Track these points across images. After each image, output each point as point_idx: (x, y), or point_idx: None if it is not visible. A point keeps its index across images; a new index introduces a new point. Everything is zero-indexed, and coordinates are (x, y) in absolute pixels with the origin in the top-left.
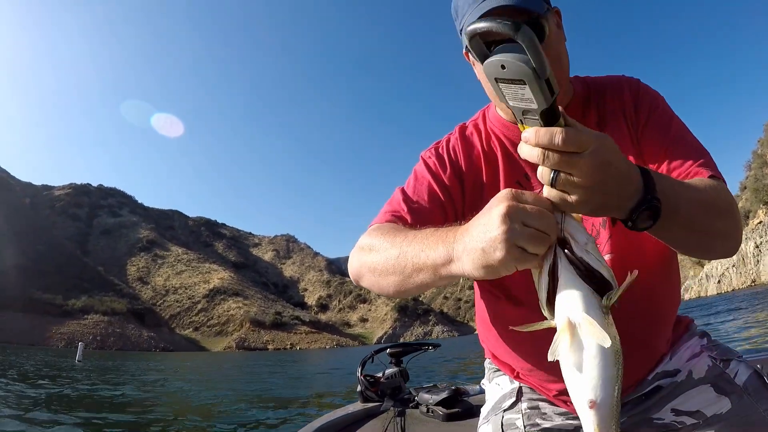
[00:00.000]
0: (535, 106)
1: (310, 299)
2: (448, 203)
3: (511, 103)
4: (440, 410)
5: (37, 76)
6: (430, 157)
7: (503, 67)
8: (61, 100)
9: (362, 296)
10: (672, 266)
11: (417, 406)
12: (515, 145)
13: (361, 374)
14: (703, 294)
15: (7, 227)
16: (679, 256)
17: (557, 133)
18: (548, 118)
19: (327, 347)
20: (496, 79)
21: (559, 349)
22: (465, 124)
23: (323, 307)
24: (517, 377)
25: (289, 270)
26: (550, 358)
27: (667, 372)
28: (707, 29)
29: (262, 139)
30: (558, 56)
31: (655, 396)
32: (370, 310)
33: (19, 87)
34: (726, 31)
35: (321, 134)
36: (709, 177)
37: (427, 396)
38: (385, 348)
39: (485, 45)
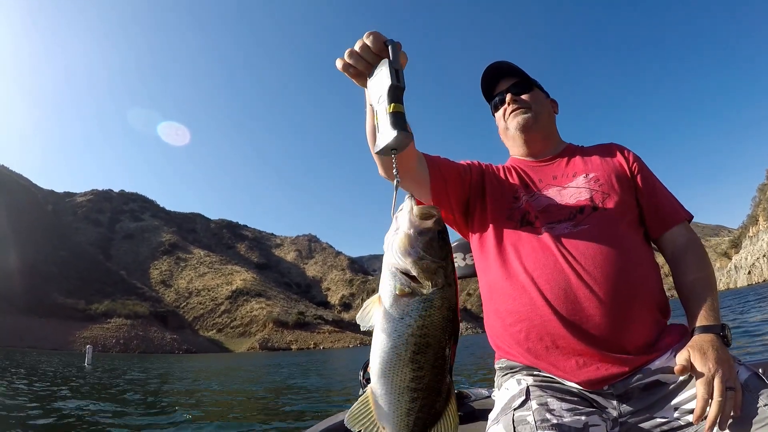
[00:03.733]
0: (388, 82)
1: (333, 298)
2: (466, 173)
3: (373, 97)
4: None
5: (54, 87)
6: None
7: (377, 74)
8: (80, 110)
9: None
10: (646, 251)
11: None
12: (516, 169)
13: (363, 377)
14: (732, 285)
15: (30, 234)
16: (708, 252)
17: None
18: (395, 92)
19: (350, 346)
20: (369, 81)
21: (371, 318)
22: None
23: (346, 306)
24: (529, 351)
25: (311, 270)
26: (361, 323)
27: (671, 368)
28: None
29: (282, 142)
30: (539, 104)
31: (657, 393)
32: None
33: (37, 98)
34: (745, 16)
35: (339, 133)
36: (685, 220)
37: None
38: None
39: (491, 94)
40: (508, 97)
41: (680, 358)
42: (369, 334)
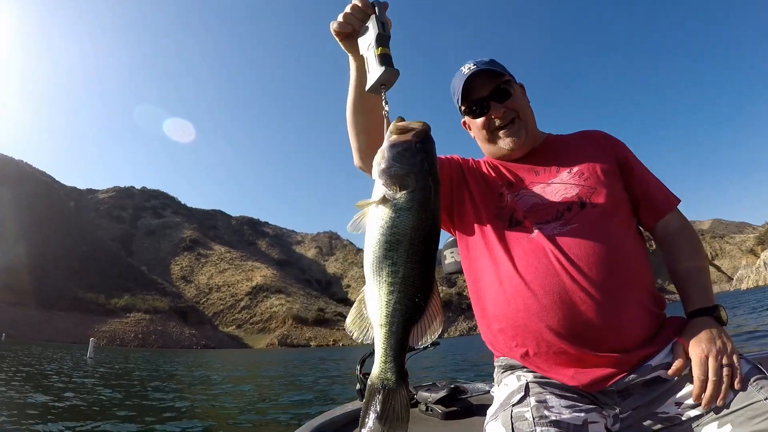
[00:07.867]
0: (375, 32)
1: (354, 295)
2: (443, 168)
3: (362, 48)
4: (439, 408)
5: (75, 85)
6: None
7: (366, 29)
8: (106, 107)
9: None
10: (638, 245)
11: (416, 404)
12: (495, 165)
13: (360, 372)
14: (761, 283)
15: (52, 229)
16: (733, 250)
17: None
18: (382, 39)
19: (370, 343)
20: (360, 39)
21: (361, 225)
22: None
23: None
24: (525, 357)
25: (332, 267)
26: (352, 230)
27: (671, 364)
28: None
29: (304, 139)
30: (523, 108)
31: (658, 388)
32: None
33: (58, 96)
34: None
35: None
36: (676, 206)
37: (426, 394)
38: None
39: (471, 101)
40: (497, 112)
41: (675, 357)
42: None
